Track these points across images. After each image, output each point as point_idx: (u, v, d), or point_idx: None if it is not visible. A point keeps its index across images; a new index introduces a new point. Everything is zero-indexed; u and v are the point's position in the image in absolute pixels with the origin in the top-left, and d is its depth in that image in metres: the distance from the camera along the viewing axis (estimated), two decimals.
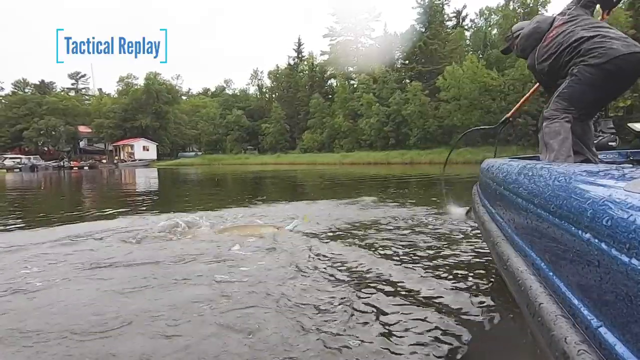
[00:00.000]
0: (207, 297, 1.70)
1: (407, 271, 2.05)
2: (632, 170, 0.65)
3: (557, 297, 0.68)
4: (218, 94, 56.25)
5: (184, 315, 1.52)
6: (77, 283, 1.94)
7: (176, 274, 2.05)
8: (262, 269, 2.12)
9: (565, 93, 1.78)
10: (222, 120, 46.12)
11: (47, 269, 2.19)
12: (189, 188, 10.63)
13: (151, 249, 2.65)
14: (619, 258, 0.50)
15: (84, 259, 2.37)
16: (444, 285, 1.84)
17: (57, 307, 1.64)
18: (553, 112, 1.82)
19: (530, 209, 0.84)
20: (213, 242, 2.77)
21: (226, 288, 1.81)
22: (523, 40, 2.08)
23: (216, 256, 2.40)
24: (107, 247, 2.70)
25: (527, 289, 0.76)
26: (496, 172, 1.35)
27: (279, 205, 5.16)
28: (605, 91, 1.77)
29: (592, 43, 1.69)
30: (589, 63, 1.68)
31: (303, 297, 1.69)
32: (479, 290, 1.77)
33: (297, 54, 45.87)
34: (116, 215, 4.38)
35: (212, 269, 2.13)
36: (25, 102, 43.38)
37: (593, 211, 0.58)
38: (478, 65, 27.21)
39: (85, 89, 55.27)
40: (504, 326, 1.40)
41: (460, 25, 37.41)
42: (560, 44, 1.82)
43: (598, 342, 0.54)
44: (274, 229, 3.16)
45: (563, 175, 0.74)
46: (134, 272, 2.09)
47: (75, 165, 36.98)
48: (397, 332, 1.37)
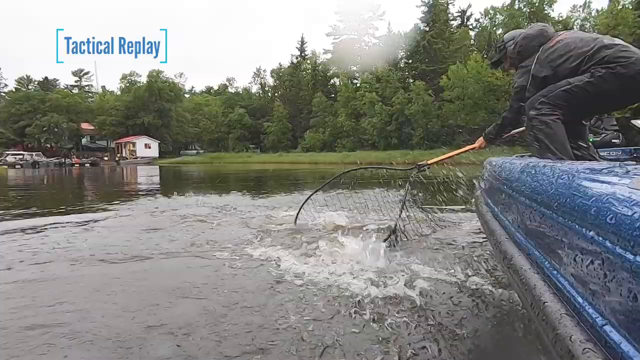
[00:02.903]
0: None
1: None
2: (635, 168, 0.65)
3: (561, 295, 0.68)
4: (221, 92, 56.26)
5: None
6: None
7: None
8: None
9: (573, 93, 1.69)
10: (224, 119, 46.15)
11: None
12: (195, 186, 10.64)
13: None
14: (623, 255, 0.50)
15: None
16: (446, 282, 1.83)
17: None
18: (548, 105, 1.73)
19: (534, 207, 0.83)
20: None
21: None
22: (527, 40, 1.98)
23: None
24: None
25: (531, 288, 0.76)
26: (499, 171, 1.34)
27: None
28: (614, 100, 1.70)
29: (617, 51, 1.61)
30: (615, 71, 1.59)
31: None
32: (482, 288, 1.76)
33: (300, 52, 45.80)
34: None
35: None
36: (29, 99, 43.46)
37: (597, 209, 0.58)
38: (482, 65, 27.02)
39: (89, 86, 55.36)
40: (508, 325, 1.39)
41: (464, 25, 37.19)
42: (577, 47, 1.73)
43: (603, 341, 0.54)
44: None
45: (566, 173, 0.74)
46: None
47: (76, 162, 37.09)
48: (396, 331, 1.37)
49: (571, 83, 1.71)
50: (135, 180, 13.20)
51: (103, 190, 9.54)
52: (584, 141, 1.93)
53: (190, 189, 8.69)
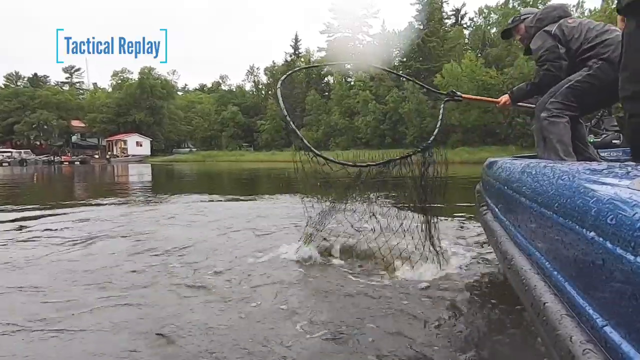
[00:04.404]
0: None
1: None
2: (636, 168, 0.65)
3: (561, 296, 0.68)
4: (214, 90, 55.85)
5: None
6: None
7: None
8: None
9: (578, 88, 1.70)
10: (217, 117, 45.84)
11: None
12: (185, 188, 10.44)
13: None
14: (624, 256, 0.50)
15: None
16: (445, 282, 1.84)
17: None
18: (558, 106, 1.74)
19: (534, 208, 0.83)
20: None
21: None
22: (549, 10, 1.94)
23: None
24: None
25: (531, 288, 0.76)
26: (499, 171, 1.34)
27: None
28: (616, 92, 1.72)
29: (613, 41, 1.61)
30: (611, 60, 1.58)
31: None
32: (483, 289, 1.77)
33: (294, 50, 45.68)
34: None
35: None
36: (17, 96, 42.73)
37: (597, 209, 0.58)
38: (477, 64, 27.21)
39: (80, 82, 54.53)
40: (508, 326, 1.39)
41: (459, 24, 37.43)
42: (588, 30, 1.74)
43: (603, 341, 0.54)
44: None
45: (567, 174, 0.74)
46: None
47: (66, 160, 36.57)
48: (395, 332, 1.36)
49: (572, 79, 1.74)
50: (114, 181, 12.90)
51: (83, 190, 9.01)
52: (584, 141, 1.96)
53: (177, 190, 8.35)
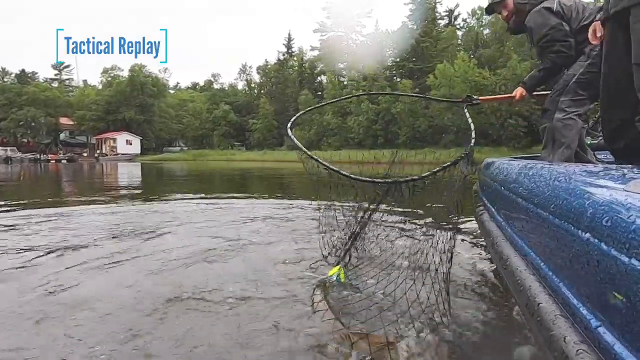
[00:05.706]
0: None
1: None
2: (631, 171, 0.66)
3: (556, 296, 0.69)
4: (206, 88, 55.34)
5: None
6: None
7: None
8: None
9: (584, 81, 1.61)
10: (209, 115, 45.43)
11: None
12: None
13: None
14: (618, 258, 0.50)
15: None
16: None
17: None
18: (571, 104, 1.65)
19: (530, 209, 0.84)
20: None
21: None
22: None
23: None
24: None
25: (526, 289, 0.76)
26: (496, 172, 1.34)
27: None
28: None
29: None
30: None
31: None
32: (478, 290, 1.77)
33: (286, 49, 45.52)
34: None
35: None
36: (4, 92, 41.73)
37: (593, 211, 0.58)
38: (469, 65, 27.38)
39: (69, 79, 53.47)
40: (503, 326, 1.39)
41: (452, 24, 37.73)
42: (583, 9, 1.69)
43: (597, 342, 0.54)
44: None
45: (563, 175, 0.75)
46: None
47: (52, 158, 35.72)
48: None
49: (576, 73, 1.66)
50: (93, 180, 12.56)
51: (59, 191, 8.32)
52: (582, 145, 1.92)
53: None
